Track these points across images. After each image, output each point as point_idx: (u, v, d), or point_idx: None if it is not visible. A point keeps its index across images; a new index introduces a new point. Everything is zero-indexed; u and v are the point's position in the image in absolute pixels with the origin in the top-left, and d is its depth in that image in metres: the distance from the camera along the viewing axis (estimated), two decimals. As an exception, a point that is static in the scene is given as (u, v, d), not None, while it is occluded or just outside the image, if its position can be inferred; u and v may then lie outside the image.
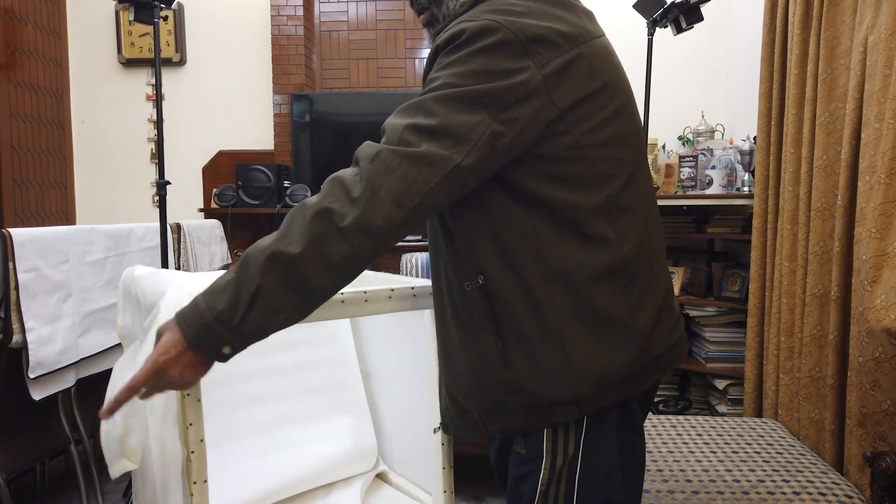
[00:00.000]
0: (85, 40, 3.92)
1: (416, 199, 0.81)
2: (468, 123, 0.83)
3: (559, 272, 0.90)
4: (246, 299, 0.79)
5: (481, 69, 0.84)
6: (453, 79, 0.84)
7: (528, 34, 0.85)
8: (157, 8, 2.25)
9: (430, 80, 0.88)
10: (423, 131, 0.82)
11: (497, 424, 0.97)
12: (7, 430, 1.93)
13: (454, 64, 0.85)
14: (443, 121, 0.82)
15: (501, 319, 0.92)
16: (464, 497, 2.33)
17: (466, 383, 0.99)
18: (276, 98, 3.82)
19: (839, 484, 1.58)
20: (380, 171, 0.80)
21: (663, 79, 3.39)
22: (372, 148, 0.84)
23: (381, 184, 0.80)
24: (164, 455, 1.17)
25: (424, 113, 0.84)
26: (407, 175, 0.80)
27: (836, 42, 1.96)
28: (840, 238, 1.84)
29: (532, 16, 0.88)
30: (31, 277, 1.83)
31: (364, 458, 1.62)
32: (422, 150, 0.81)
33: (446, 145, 0.82)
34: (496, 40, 0.84)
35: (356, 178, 0.81)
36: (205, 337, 0.81)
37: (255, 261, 0.80)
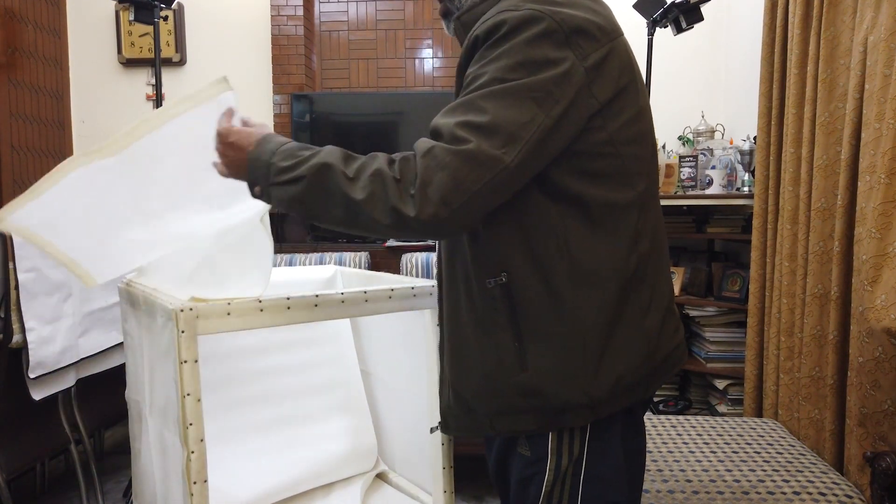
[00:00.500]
0: (85, 40, 3.92)
1: (462, 198, 0.81)
2: (520, 121, 0.82)
3: (586, 272, 0.89)
4: (292, 175, 0.88)
5: (527, 60, 0.83)
6: (500, 73, 0.83)
7: (571, 25, 0.84)
8: (157, 8, 2.25)
9: (474, 75, 0.86)
10: (474, 128, 0.81)
11: (505, 425, 0.95)
12: (7, 430, 1.93)
13: (500, 57, 0.84)
14: (493, 118, 0.81)
15: (521, 319, 0.91)
16: (464, 497, 2.33)
17: (477, 382, 0.97)
18: (277, 98, 3.82)
19: (839, 484, 1.58)
20: (431, 167, 0.81)
21: (663, 79, 3.39)
22: (427, 143, 0.83)
23: (431, 180, 0.80)
24: (164, 455, 1.17)
25: (475, 110, 0.82)
26: (457, 173, 0.80)
27: (836, 42, 1.96)
28: (840, 238, 1.84)
29: (571, 6, 0.87)
30: (32, 277, 1.83)
31: (364, 458, 1.62)
32: (472, 147, 0.80)
33: (497, 144, 0.81)
34: (540, 30, 0.83)
35: (415, 169, 0.82)
36: (254, 166, 0.94)
37: (323, 158, 0.87)
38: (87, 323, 2.04)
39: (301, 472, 1.52)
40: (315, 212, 0.90)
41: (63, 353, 1.92)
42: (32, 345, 1.82)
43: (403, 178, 0.82)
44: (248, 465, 1.45)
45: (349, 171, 0.86)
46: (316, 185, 0.87)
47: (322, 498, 1.53)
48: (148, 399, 1.24)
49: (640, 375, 0.94)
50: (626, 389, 0.93)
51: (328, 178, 0.86)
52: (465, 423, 1.02)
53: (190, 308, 1.01)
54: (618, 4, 3.90)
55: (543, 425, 0.93)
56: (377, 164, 0.85)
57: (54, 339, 1.90)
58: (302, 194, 0.88)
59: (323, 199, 0.87)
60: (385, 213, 0.83)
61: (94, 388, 2.18)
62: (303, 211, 0.90)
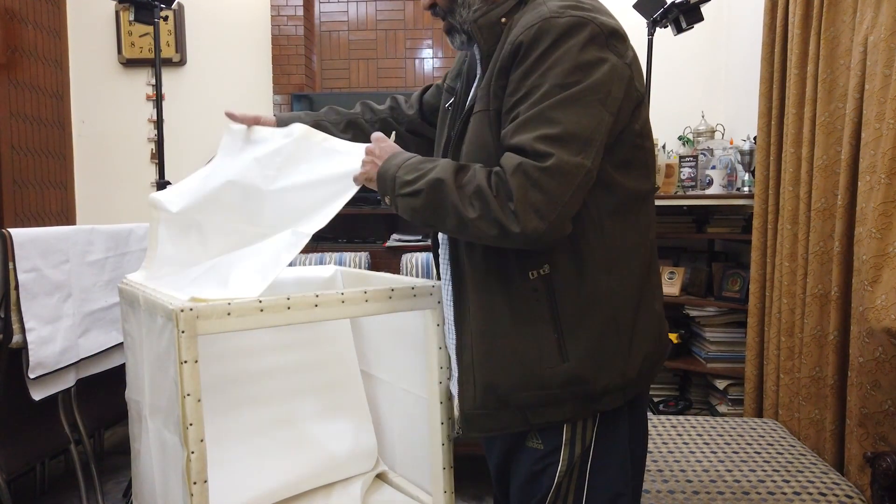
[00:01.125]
0: (85, 40, 3.92)
1: (556, 210, 0.87)
2: (590, 125, 0.88)
3: (617, 259, 0.96)
4: (412, 188, 0.96)
5: (582, 63, 0.88)
6: (560, 79, 0.88)
7: (608, 28, 0.92)
8: (157, 8, 2.25)
9: (533, 85, 0.90)
10: (552, 140, 0.87)
11: (542, 417, 0.97)
12: (7, 431, 1.93)
13: (555, 64, 0.89)
14: (566, 127, 0.87)
15: (561, 309, 0.95)
16: (464, 497, 2.33)
17: (517, 376, 0.97)
18: (277, 98, 3.82)
19: (839, 484, 1.58)
20: (524, 186, 0.86)
21: (663, 79, 3.38)
22: (513, 159, 0.88)
23: (527, 198, 0.86)
24: (164, 455, 1.17)
25: (548, 122, 0.88)
26: (548, 189, 0.86)
27: (836, 42, 1.96)
28: (840, 238, 1.84)
29: (600, 12, 0.94)
30: (32, 277, 1.83)
31: (364, 459, 1.62)
32: (555, 161, 0.86)
33: (576, 151, 0.87)
34: (587, 35, 0.89)
35: (509, 187, 0.87)
36: (382, 180, 1.02)
37: (439, 173, 0.93)
38: (87, 323, 2.04)
39: (301, 472, 1.52)
40: (432, 222, 0.97)
41: (63, 354, 1.92)
42: (32, 345, 1.82)
43: (499, 195, 0.88)
44: (248, 466, 1.44)
45: (459, 185, 0.91)
46: (432, 198, 0.93)
47: (322, 498, 1.53)
48: (148, 399, 1.24)
49: (658, 355, 1.02)
50: (649, 368, 1.01)
51: (442, 193, 0.92)
52: (494, 422, 1.01)
53: (190, 308, 1.01)
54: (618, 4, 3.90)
55: (580, 412, 0.97)
56: (479, 180, 0.90)
57: (54, 339, 1.90)
58: (421, 206, 0.95)
59: (438, 211, 0.94)
60: (492, 227, 0.89)
61: (94, 389, 2.18)
62: (422, 220, 0.97)
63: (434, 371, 1.30)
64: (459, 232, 0.95)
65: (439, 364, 1.29)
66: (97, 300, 2.09)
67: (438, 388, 1.30)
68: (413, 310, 1.27)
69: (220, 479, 1.34)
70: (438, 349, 1.29)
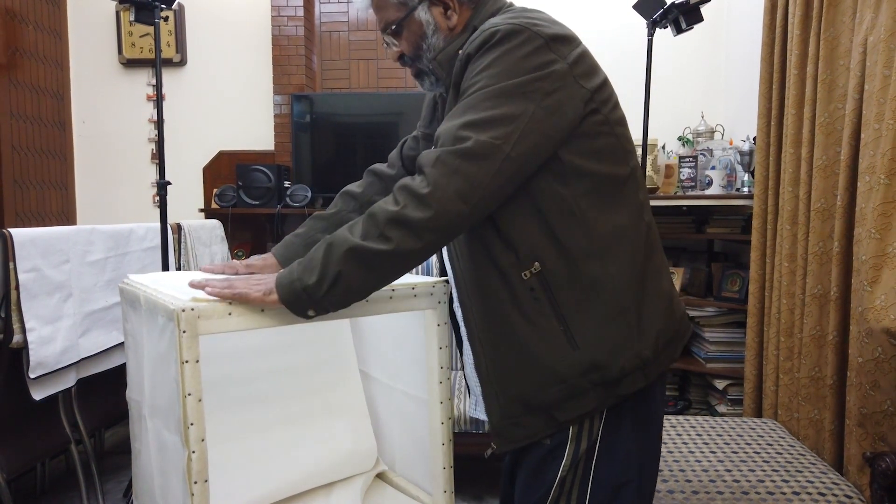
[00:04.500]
0: (85, 41, 3.92)
1: (479, 194, 0.89)
2: (514, 113, 0.91)
3: (607, 243, 0.97)
4: (329, 280, 0.91)
5: (518, 65, 0.92)
6: (495, 78, 0.92)
7: (547, 34, 0.95)
8: (157, 8, 2.25)
9: (469, 83, 0.95)
10: (473, 126, 0.90)
11: (568, 413, 0.98)
12: (7, 430, 1.93)
13: (492, 65, 0.93)
14: (491, 114, 0.90)
15: (561, 302, 0.97)
16: (464, 497, 2.33)
17: (534, 375, 0.99)
18: (277, 98, 3.82)
19: (839, 484, 1.58)
20: (443, 174, 0.89)
21: (663, 79, 3.39)
22: (432, 154, 0.91)
23: (447, 185, 0.88)
24: (164, 455, 1.17)
25: (473, 110, 0.92)
26: (467, 173, 0.88)
27: (836, 42, 1.96)
28: (840, 238, 1.84)
29: (543, 21, 0.98)
30: (32, 277, 1.84)
31: (364, 459, 1.63)
32: (473, 143, 0.89)
33: (496, 135, 0.89)
34: (524, 38, 0.93)
35: (423, 184, 0.89)
36: (294, 301, 0.95)
37: (337, 249, 0.91)
38: (88, 323, 2.05)
39: (301, 472, 1.52)
40: (368, 287, 0.95)
41: (63, 353, 1.92)
42: (33, 345, 1.82)
43: (408, 199, 0.89)
44: (249, 465, 1.45)
45: (365, 237, 0.90)
46: (353, 271, 0.90)
47: (322, 498, 1.53)
48: (149, 399, 1.24)
49: (672, 331, 1.04)
50: (664, 346, 1.01)
51: (358, 258, 0.90)
52: (523, 430, 1.01)
53: (191, 308, 1.01)
54: (618, 5, 3.91)
55: (604, 399, 0.98)
56: (382, 212, 0.90)
57: (55, 339, 1.90)
58: (350, 287, 0.92)
59: (366, 275, 0.92)
60: (414, 239, 0.89)
61: (94, 388, 2.18)
62: (360, 296, 0.95)
63: (434, 371, 1.30)
64: (399, 271, 0.94)
65: (439, 364, 1.29)
66: (98, 300, 2.09)
67: (438, 389, 1.31)
68: (413, 310, 1.27)
69: (221, 478, 1.34)
70: (438, 349, 1.29)
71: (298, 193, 3.55)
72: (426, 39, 1.08)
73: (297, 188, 3.58)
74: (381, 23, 1.11)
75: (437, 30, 1.08)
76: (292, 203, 3.54)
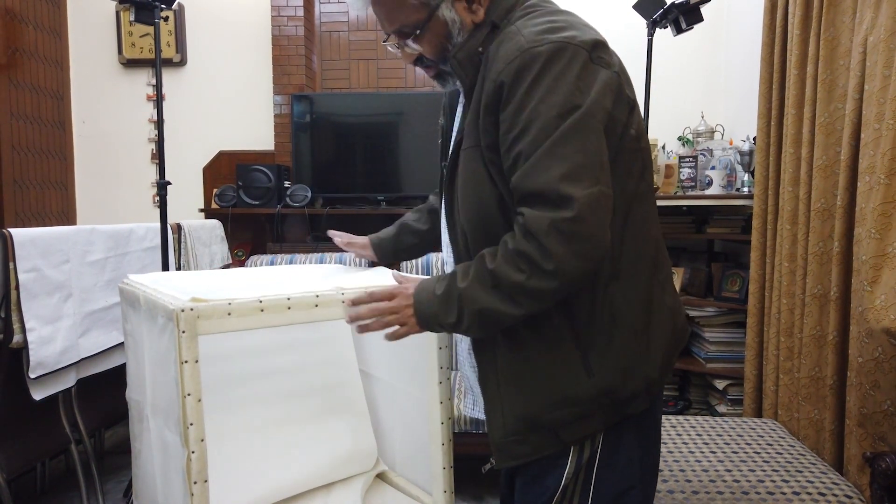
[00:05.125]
0: (85, 41, 3.92)
1: (599, 247, 0.89)
2: (597, 149, 0.88)
3: (624, 263, 0.96)
4: (465, 325, 0.95)
5: (572, 88, 0.88)
6: (555, 110, 0.87)
7: (588, 44, 0.90)
8: (157, 8, 2.25)
9: (528, 119, 0.89)
10: (569, 179, 0.86)
11: (574, 434, 0.98)
12: (7, 430, 1.93)
13: (546, 96, 0.88)
14: (579, 160, 0.87)
15: (579, 326, 0.96)
16: (464, 497, 2.33)
17: (546, 397, 0.98)
18: (277, 98, 3.82)
19: (839, 484, 1.58)
20: (561, 242, 0.87)
21: (663, 79, 3.39)
22: (542, 222, 0.88)
23: (567, 254, 0.87)
24: (164, 455, 1.17)
25: (557, 161, 0.87)
26: (583, 235, 0.87)
27: (836, 42, 1.96)
28: (840, 238, 1.84)
29: (575, 27, 0.93)
30: (32, 277, 1.83)
31: (364, 459, 1.63)
32: (580, 204, 0.86)
33: (593, 181, 0.87)
34: (569, 57, 0.88)
35: (545, 257, 0.88)
36: (432, 327, 1.00)
37: (469, 305, 0.93)
38: (88, 323, 2.05)
39: (301, 472, 1.52)
40: (493, 330, 0.98)
41: (63, 353, 1.92)
42: (33, 345, 1.82)
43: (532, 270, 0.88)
44: (249, 465, 1.45)
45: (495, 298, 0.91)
46: (486, 325, 0.95)
47: (322, 498, 1.53)
48: (149, 399, 1.24)
49: (675, 346, 1.03)
50: (668, 365, 1.02)
51: (490, 318, 0.93)
52: (527, 447, 1.01)
53: (191, 308, 1.01)
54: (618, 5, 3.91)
55: (610, 419, 0.98)
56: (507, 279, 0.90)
57: (55, 339, 1.90)
58: (478, 331, 0.98)
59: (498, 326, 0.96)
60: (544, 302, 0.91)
61: (94, 388, 2.18)
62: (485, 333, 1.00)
63: (434, 371, 1.30)
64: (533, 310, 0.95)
65: (439, 364, 1.30)
66: (98, 300, 2.09)
67: (438, 389, 1.31)
68: (413, 310, 1.27)
69: (221, 478, 1.34)
70: (438, 349, 1.29)
71: (298, 193, 3.55)
72: (451, 39, 1.00)
73: (297, 188, 3.58)
74: (392, 26, 1.01)
75: (463, 26, 0.99)
76: (292, 203, 3.54)
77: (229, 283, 1.31)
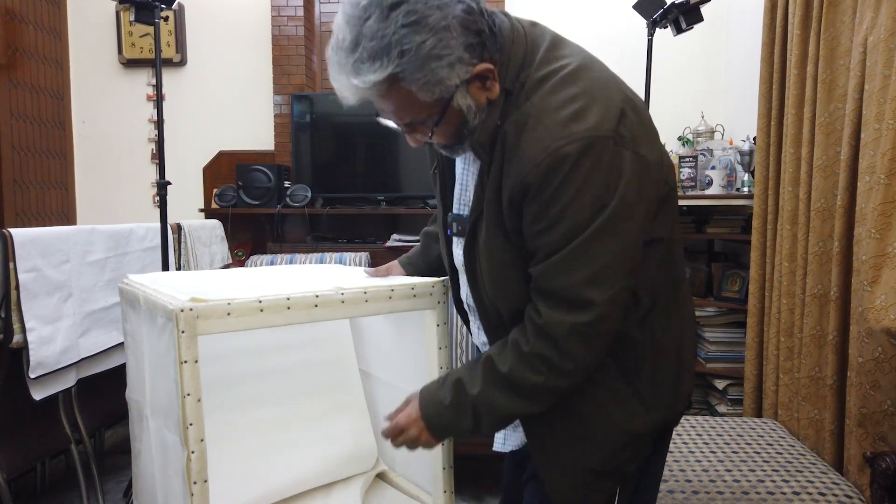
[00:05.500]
0: (85, 41, 3.92)
1: (610, 339, 0.91)
2: (625, 246, 0.87)
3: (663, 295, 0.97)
4: (483, 427, 0.97)
5: (604, 184, 0.84)
6: (586, 211, 0.84)
7: (612, 126, 0.85)
8: (157, 8, 2.25)
9: (555, 218, 0.86)
10: (591, 284, 0.86)
11: (637, 461, 1.02)
12: (7, 430, 1.93)
13: (577, 195, 0.84)
14: (606, 261, 0.86)
15: (628, 362, 0.96)
16: (464, 497, 2.33)
17: (612, 440, 0.98)
18: (277, 98, 3.82)
19: (839, 484, 1.58)
20: (579, 343, 0.89)
21: (663, 79, 3.39)
22: (562, 326, 0.88)
23: (586, 354, 0.90)
24: (164, 455, 1.17)
25: (584, 262, 0.86)
26: (601, 333, 0.89)
27: (836, 42, 1.96)
28: (840, 238, 1.84)
29: (595, 99, 0.86)
30: (32, 277, 1.83)
31: (364, 459, 1.63)
32: (600, 309, 0.87)
33: (617, 280, 0.87)
34: (598, 152, 0.84)
35: (563, 359, 0.89)
36: (447, 435, 1.07)
37: (490, 416, 0.96)
38: (88, 323, 2.05)
39: (301, 472, 1.52)
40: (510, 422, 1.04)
41: (63, 353, 1.92)
42: (33, 345, 1.82)
43: (550, 371, 0.90)
44: (248, 465, 1.45)
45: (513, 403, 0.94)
46: (504, 423, 1.01)
47: (322, 498, 1.53)
48: (148, 399, 1.24)
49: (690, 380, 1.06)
50: (691, 391, 1.08)
51: (510, 418, 0.99)
52: (602, 494, 1.01)
53: (190, 308, 1.01)
54: (618, 4, 3.90)
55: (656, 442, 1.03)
56: (526, 382, 0.91)
57: (55, 339, 1.90)
58: (499, 428, 1.05)
59: (510, 418, 1.00)
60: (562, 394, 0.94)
61: (94, 388, 2.18)
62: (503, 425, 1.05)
63: (434, 371, 1.30)
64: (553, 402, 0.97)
65: (439, 364, 1.29)
66: (97, 300, 2.09)
67: (438, 388, 1.30)
68: (413, 310, 1.27)
69: (221, 478, 1.34)
70: (438, 349, 1.29)
71: (298, 193, 3.55)
72: (467, 125, 0.92)
73: (297, 188, 3.58)
74: (403, 120, 0.94)
75: (479, 108, 0.91)
76: (292, 203, 3.54)
77: (229, 283, 1.31)
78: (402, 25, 0.81)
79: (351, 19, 0.84)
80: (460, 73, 0.86)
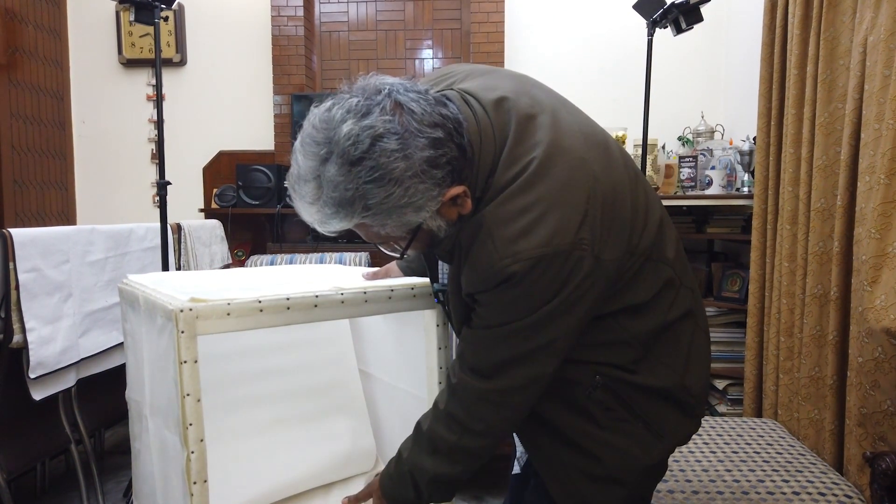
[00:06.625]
0: (85, 40, 3.92)
1: (524, 414, 0.95)
2: (550, 338, 0.87)
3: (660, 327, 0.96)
4: (426, 496, 1.02)
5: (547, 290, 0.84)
6: (524, 311, 0.86)
7: (562, 243, 0.82)
8: (157, 8, 2.25)
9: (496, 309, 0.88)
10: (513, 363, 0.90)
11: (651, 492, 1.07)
12: (7, 430, 1.93)
13: (520, 299, 0.85)
14: (532, 347, 0.88)
15: (636, 404, 0.97)
16: (464, 497, 2.33)
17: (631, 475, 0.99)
18: (277, 98, 3.82)
19: (839, 484, 1.58)
20: (489, 410, 0.93)
21: (663, 79, 3.39)
22: (472, 392, 0.93)
23: (493, 420, 0.94)
24: (164, 455, 1.17)
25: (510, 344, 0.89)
26: (514, 404, 0.93)
27: (836, 42, 1.96)
28: (840, 238, 1.84)
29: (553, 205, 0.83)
30: (32, 277, 1.83)
31: (363, 459, 1.63)
32: (520, 381, 0.90)
33: (543, 364, 0.90)
34: (546, 267, 0.83)
35: (474, 421, 0.94)
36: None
37: (420, 478, 1.00)
38: (88, 323, 2.04)
39: (301, 472, 1.52)
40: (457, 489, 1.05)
41: (63, 353, 1.92)
42: (33, 345, 1.82)
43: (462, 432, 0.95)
44: (248, 465, 1.45)
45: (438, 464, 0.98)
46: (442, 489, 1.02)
47: (322, 498, 1.53)
48: (148, 399, 1.24)
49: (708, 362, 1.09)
50: (702, 414, 1.09)
51: (441, 482, 1.00)
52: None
53: (189, 308, 1.01)
54: (618, 5, 3.90)
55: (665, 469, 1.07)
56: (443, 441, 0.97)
57: (55, 339, 1.90)
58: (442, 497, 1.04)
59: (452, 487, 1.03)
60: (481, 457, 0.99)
61: (94, 388, 2.18)
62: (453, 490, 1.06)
63: (434, 371, 1.30)
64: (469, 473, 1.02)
65: (439, 364, 1.29)
66: (97, 300, 2.09)
67: (438, 389, 1.30)
68: (413, 310, 1.27)
69: (220, 478, 1.34)
70: (438, 349, 1.29)
71: (298, 193, 3.55)
72: (439, 242, 0.94)
73: (297, 188, 3.57)
74: (376, 238, 0.92)
75: (450, 224, 0.90)
76: (292, 203, 3.54)
77: (229, 283, 1.31)
78: (366, 182, 0.79)
79: (308, 154, 0.83)
80: (431, 207, 0.84)
